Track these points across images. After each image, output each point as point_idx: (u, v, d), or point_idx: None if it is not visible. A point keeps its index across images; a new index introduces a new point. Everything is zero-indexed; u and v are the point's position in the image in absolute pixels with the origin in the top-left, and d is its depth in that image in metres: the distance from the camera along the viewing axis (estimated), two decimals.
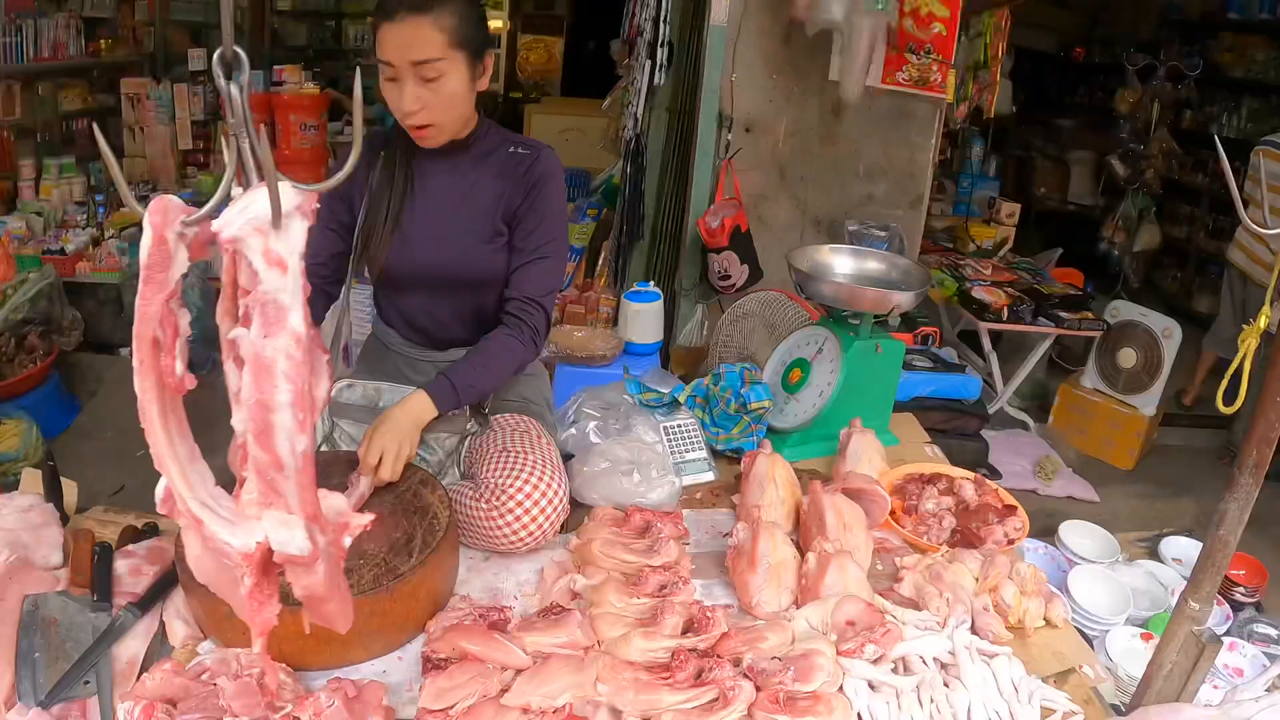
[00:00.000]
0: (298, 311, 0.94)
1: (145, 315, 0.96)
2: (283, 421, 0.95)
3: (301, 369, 0.94)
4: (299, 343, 0.94)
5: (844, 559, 1.67)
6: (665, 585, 1.66)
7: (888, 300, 2.29)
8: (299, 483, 0.98)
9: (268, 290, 0.92)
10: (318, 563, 1.04)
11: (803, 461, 2.36)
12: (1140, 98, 6.51)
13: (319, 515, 1.03)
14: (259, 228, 0.90)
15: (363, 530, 1.15)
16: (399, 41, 1.78)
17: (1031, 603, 1.72)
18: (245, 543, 1.00)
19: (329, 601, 1.10)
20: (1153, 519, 3.96)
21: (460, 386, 1.93)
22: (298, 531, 1.00)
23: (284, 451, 0.96)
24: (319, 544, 1.03)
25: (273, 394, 0.94)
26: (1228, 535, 1.31)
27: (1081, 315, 4.38)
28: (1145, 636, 2.66)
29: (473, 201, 2.02)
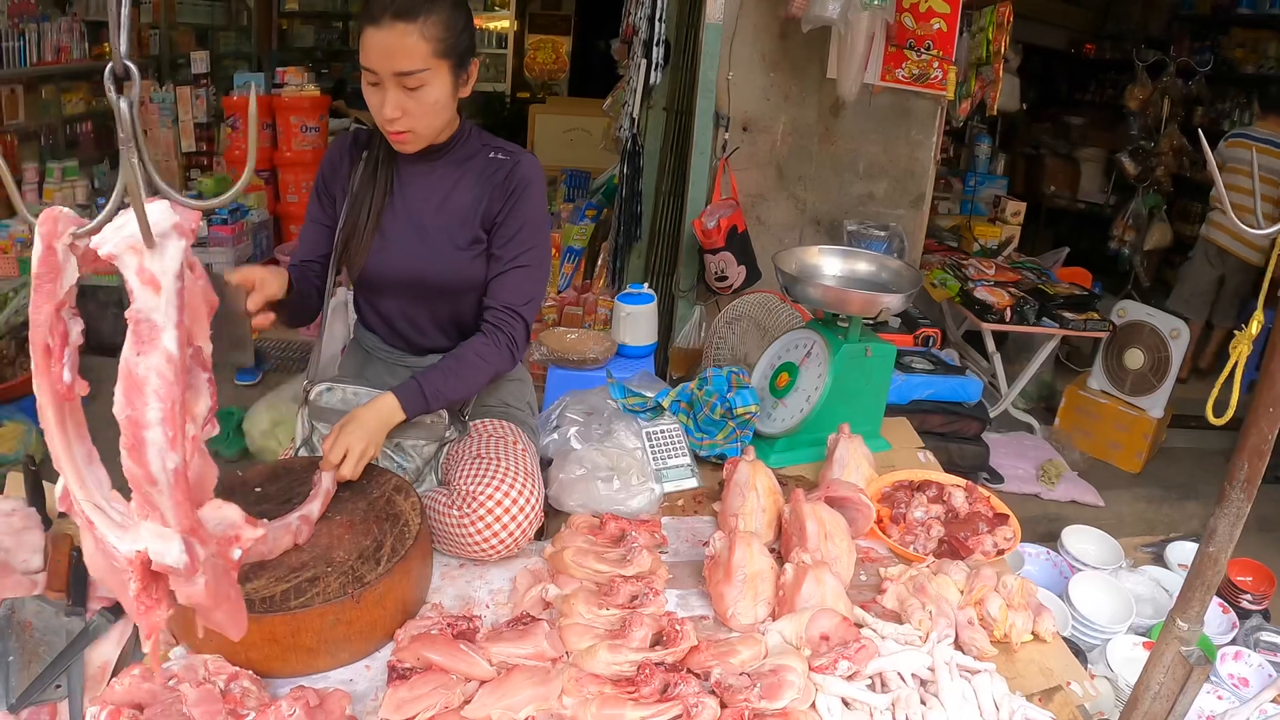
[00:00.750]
0: (171, 331, 0.95)
1: (36, 323, 0.97)
2: (153, 438, 0.96)
3: (173, 388, 0.95)
4: (170, 362, 0.95)
5: (821, 570, 1.62)
6: (636, 596, 1.62)
7: (876, 303, 2.24)
8: (173, 498, 1.00)
9: (141, 308, 0.93)
10: (197, 575, 1.05)
11: (790, 468, 2.32)
12: (1151, 94, 6.43)
13: (197, 529, 1.04)
14: (133, 246, 0.91)
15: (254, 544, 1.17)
16: (383, 49, 1.76)
17: (1018, 616, 1.67)
18: (129, 549, 1.02)
19: (215, 610, 1.11)
20: (1159, 523, 3.90)
21: (429, 393, 1.90)
22: (173, 544, 1.01)
23: (155, 467, 0.97)
24: (198, 556, 1.04)
25: (143, 410, 0.95)
26: (1218, 552, 1.25)
27: (1087, 316, 4.30)
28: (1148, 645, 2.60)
29: (451, 207, 1.99)
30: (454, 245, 1.98)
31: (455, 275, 2.00)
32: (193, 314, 1.06)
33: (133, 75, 0.85)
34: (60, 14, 6.22)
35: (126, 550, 1.00)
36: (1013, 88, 5.82)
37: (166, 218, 0.91)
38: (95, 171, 6.36)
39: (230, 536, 1.12)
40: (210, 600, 1.07)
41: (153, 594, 1.04)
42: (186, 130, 6.37)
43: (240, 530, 1.13)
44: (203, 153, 6.47)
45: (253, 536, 1.13)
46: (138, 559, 1.00)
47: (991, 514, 2.03)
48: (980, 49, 3.86)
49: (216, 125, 6.40)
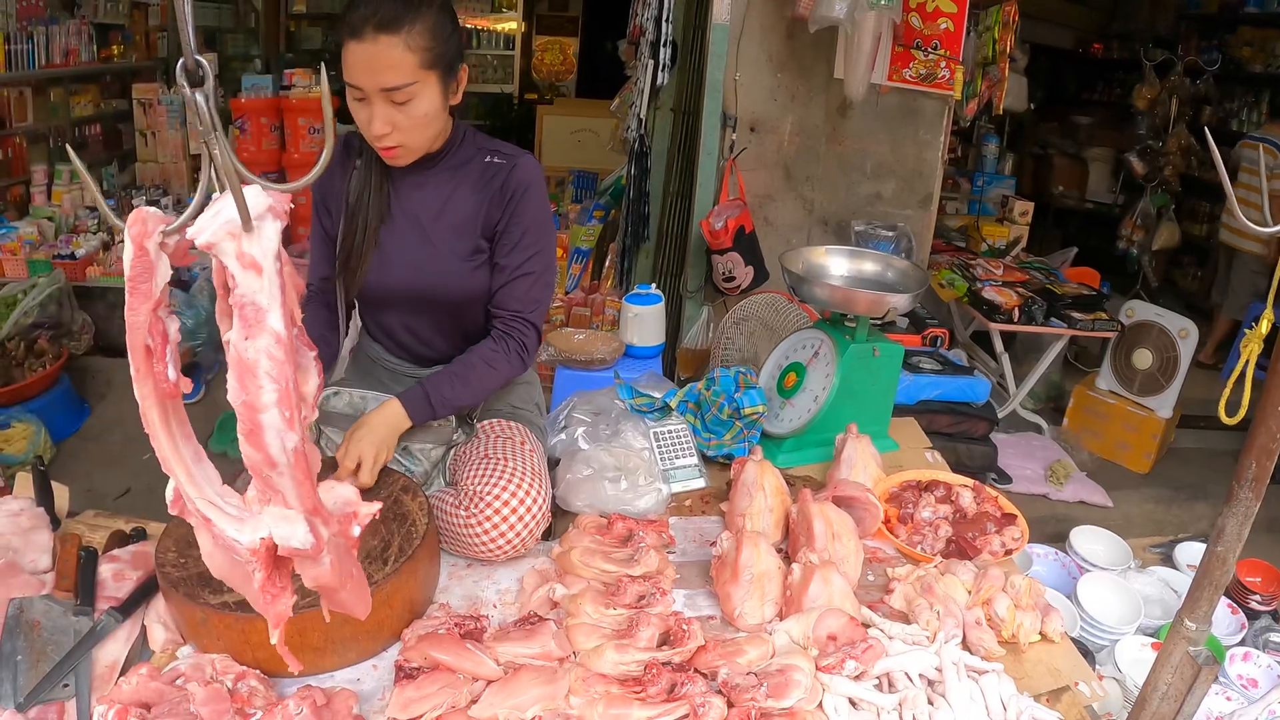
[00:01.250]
0: (276, 312, 0.95)
1: (134, 325, 0.98)
2: (270, 420, 0.97)
3: (284, 368, 0.96)
4: (279, 342, 0.95)
5: (829, 570, 1.62)
6: (644, 596, 1.62)
7: (883, 303, 2.23)
8: (294, 478, 1.00)
9: (245, 293, 0.93)
10: (323, 554, 1.07)
11: (798, 468, 2.31)
12: (1158, 93, 6.41)
13: (319, 508, 1.05)
14: (231, 232, 0.91)
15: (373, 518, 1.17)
16: (368, 65, 1.70)
17: (1026, 617, 1.66)
18: (251, 539, 1.03)
19: (340, 590, 1.13)
20: (1168, 524, 3.89)
21: (436, 400, 1.90)
22: (298, 526, 1.02)
23: (275, 450, 0.98)
24: (322, 536, 1.05)
25: (258, 394, 0.96)
26: (1226, 552, 1.24)
27: (1095, 316, 4.29)
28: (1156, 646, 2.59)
29: (450, 217, 1.96)
30: (455, 256, 1.96)
31: (458, 286, 1.97)
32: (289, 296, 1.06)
33: (205, 69, 0.86)
34: (69, 17, 6.24)
35: (249, 540, 1.01)
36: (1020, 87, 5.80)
37: (261, 200, 0.91)
38: (104, 173, 6.38)
39: (349, 514, 1.13)
40: (336, 580, 1.09)
41: (277, 583, 1.06)
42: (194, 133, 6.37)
43: (357, 507, 1.14)
44: None
45: (370, 512, 1.14)
46: (262, 546, 1.01)
47: (999, 514, 2.02)
48: (986, 48, 3.86)
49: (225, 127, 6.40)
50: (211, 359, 4.87)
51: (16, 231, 5.07)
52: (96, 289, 4.99)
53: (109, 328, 5.03)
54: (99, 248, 5.23)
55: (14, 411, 3.95)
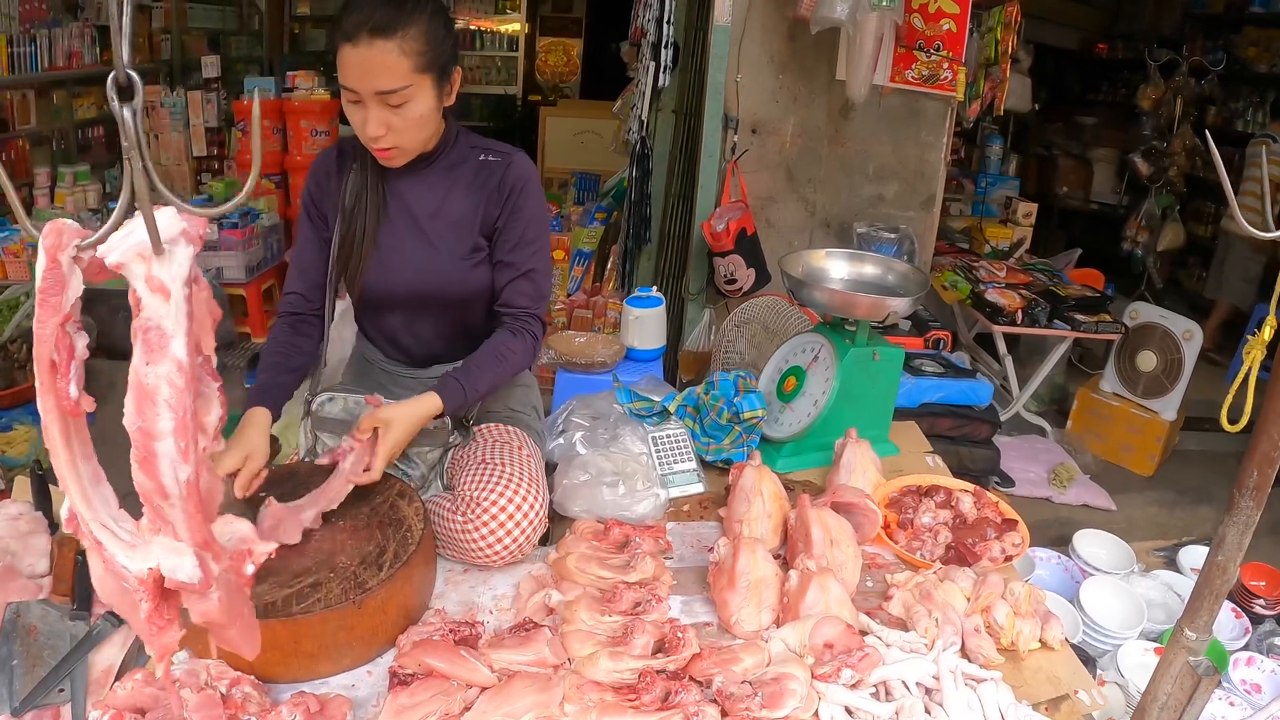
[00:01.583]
0: (181, 339, 0.93)
1: (41, 338, 0.95)
2: (165, 449, 0.95)
3: (184, 397, 0.94)
4: (181, 370, 0.93)
5: (826, 577, 1.61)
6: (639, 603, 1.61)
7: (883, 307, 2.22)
8: (185, 510, 0.98)
9: (150, 317, 0.92)
10: (211, 590, 1.04)
11: (797, 473, 2.30)
12: (1163, 94, 6.39)
13: (210, 543, 1.03)
14: (141, 254, 0.89)
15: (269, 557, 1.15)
16: (362, 69, 1.70)
17: (1026, 624, 1.64)
18: (140, 567, 1.00)
19: (228, 628, 1.09)
20: (1172, 527, 3.87)
21: (469, 388, 1.89)
22: (186, 559, 1.00)
23: (167, 480, 0.96)
24: (211, 571, 1.03)
25: (154, 421, 0.94)
26: (1227, 561, 1.23)
27: (1099, 318, 4.27)
28: (1159, 651, 2.58)
29: (448, 216, 1.96)
30: (454, 255, 1.96)
31: (458, 285, 1.98)
32: (199, 324, 1.05)
33: (135, 84, 0.85)
34: (72, 19, 6.24)
35: (137, 569, 0.99)
36: (1024, 88, 5.78)
37: (174, 224, 0.90)
38: (107, 176, 6.38)
39: (243, 551, 1.10)
40: (224, 617, 1.06)
41: (164, 614, 1.03)
42: (197, 135, 6.39)
43: (253, 545, 1.11)
44: (213, 157, 6.49)
45: (265, 551, 1.12)
46: (149, 577, 0.99)
47: (1000, 519, 2.01)
48: (989, 49, 3.84)
49: (227, 129, 6.42)
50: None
51: (20, 234, 5.07)
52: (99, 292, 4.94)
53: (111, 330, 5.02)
54: None
55: (16, 414, 3.94)
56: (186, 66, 7.33)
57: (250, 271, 5.33)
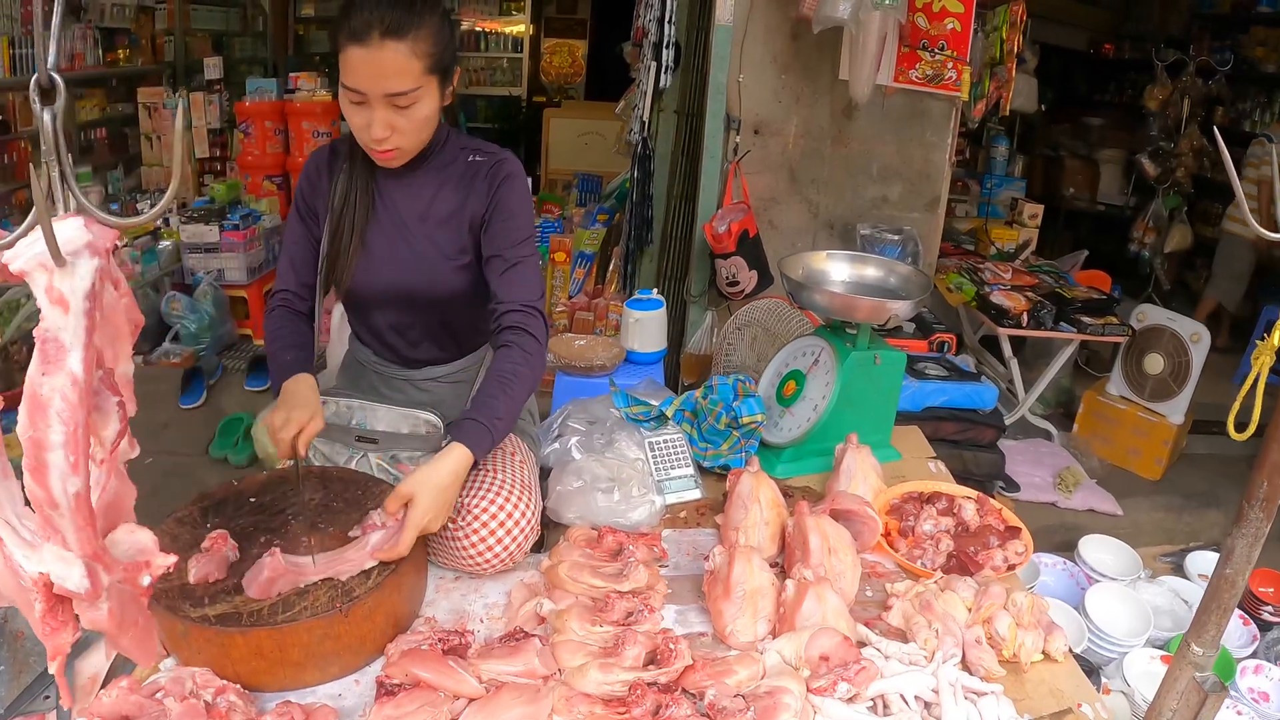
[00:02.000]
0: (78, 353, 0.92)
1: None
2: (55, 461, 0.94)
3: (76, 411, 0.93)
4: (75, 385, 0.92)
5: (823, 587, 1.57)
6: (632, 612, 1.57)
7: (884, 310, 2.18)
8: (74, 522, 0.97)
9: (49, 328, 0.90)
10: (100, 600, 1.03)
11: (796, 478, 2.26)
12: (1170, 94, 6.35)
13: (101, 554, 1.02)
14: (44, 264, 0.88)
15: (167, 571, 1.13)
16: (373, 71, 1.67)
17: (1028, 635, 1.61)
18: (33, 570, 0.99)
19: (121, 637, 1.09)
20: (1179, 532, 3.83)
21: (492, 425, 1.75)
22: (74, 568, 0.99)
23: (56, 491, 0.95)
24: (101, 581, 1.02)
25: (46, 433, 0.93)
26: (1235, 574, 1.18)
27: (1106, 320, 4.22)
28: (1165, 659, 2.55)
29: (436, 215, 1.93)
30: (441, 254, 1.93)
31: (444, 285, 1.94)
32: (113, 333, 1.04)
33: (57, 85, 0.84)
34: (74, 21, 6.24)
35: (31, 570, 0.98)
36: (1031, 88, 5.75)
37: (79, 235, 0.89)
38: (109, 177, 6.38)
39: (140, 563, 1.09)
40: (114, 627, 1.05)
41: (58, 616, 1.02)
42: (200, 136, 6.38)
43: (151, 556, 1.10)
44: (216, 158, 6.48)
45: (164, 565, 1.11)
46: (41, 581, 0.98)
47: (1003, 527, 1.97)
48: (994, 48, 3.80)
49: (229, 131, 6.41)
50: (214, 364, 4.85)
51: None
52: None
53: None
54: None
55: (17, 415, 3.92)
56: (190, 68, 7.32)
57: (251, 273, 5.32)
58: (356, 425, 2.01)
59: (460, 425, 1.74)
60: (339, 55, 1.69)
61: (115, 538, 1.09)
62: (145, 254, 5.18)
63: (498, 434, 1.76)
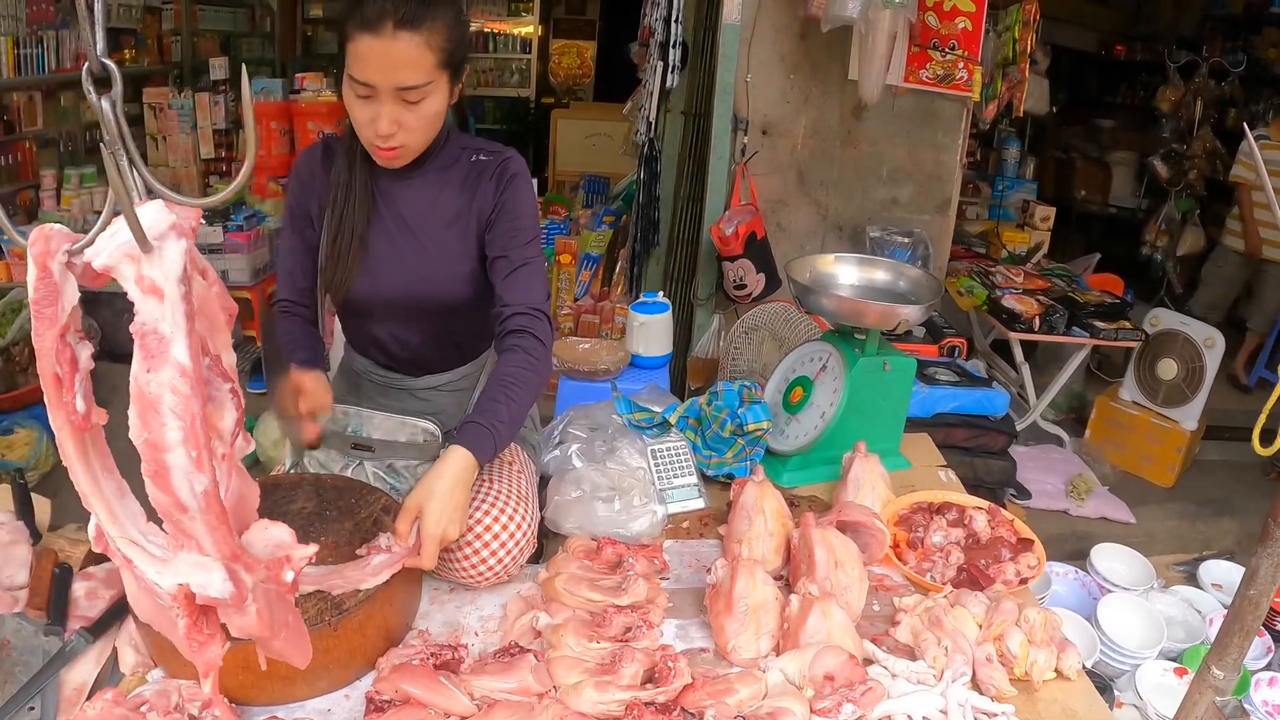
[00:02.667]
0: (181, 342, 0.86)
1: (42, 352, 0.89)
2: (176, 461, 0.88)
3: (190, 403, 0.87)
4: (185, 375, 0.86)
5: (828, 603, 1.52)
6: (630, 628, 1.52)
7: (894, 315, 2.12)
8: (206, 524, 0.91)
9: (145, 320, 0.85)
10: (246, 603, 0.97)
11: (803, 487, 2.21)
12: (1183, 96, 6.28)
13: (240, 554, 0.96)
14: (130, 254, 0.83)
15: (308, 561, 1.08)
16: (385, 62, 1.60)
17: (1041, 653, 1.55)
18: (171, 584, 0.94)
19: (274, 639, 1.04)
20: (1192, 540, 3.77)
21: (495, 431, 1.68)
22: (215, 573, 0.93)
23: (183, 493, 0.89)
24: (245, 584, 0.96)
25: (162, 432, 0.87)
26: (1259, 596, 1.13)
27: (1118, 325, 4.15)
28: (1179, 671, 2.50)
29: (440, 217, 1.86)
30: (447, 258, 1.86)
31: (451, 291, 1.88)
32: (210, 322, 0.97)
33: (112, 73, 0.80)
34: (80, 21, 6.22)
35: (169, 585, 0.93)
36: (1042, 90, 5.69)
37: (163, 218, 0.83)
38: None
39: (280, 559, 1.03)
40: (266, 629, 1.00)
41: (204, 629, 0.97)
42: (205, 136, 6.35)
43: (291, 550, 1.04)
44: (221, 159, 6.45)
45: (305, 555, 1.05)
46: (180, 593, 0.93)
47: (1015, 539, 1.91)
48: (1006, 48, 3.74)
49: (235, 131, 6.38)
50: None
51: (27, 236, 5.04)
52: (104, 294, 4.92)
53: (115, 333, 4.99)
54: None
55: (17, 417, 3.91)
56: (197, 69, 7.30)
57: (255, 274, 5.29)
58: (352, 432, 1.96)
59: (462, 428, 1.68)
60: (346, 45, 1.63)
61: (250, 538, 1.04)
62: None
63: (501, 439, 1.69)
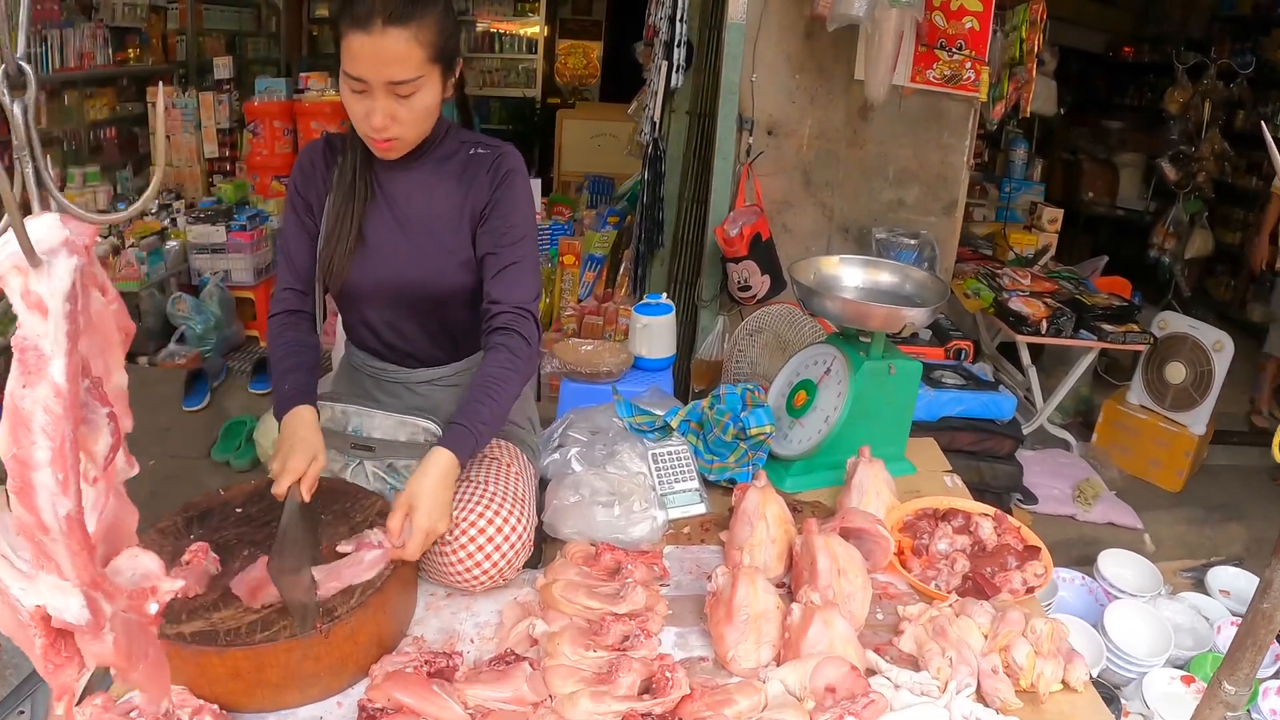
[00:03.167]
0: (60, 361, 0.84)
1: None
2: (42, 480, 0.85)
3: (61, 424, 0.85)
4: (59, 395, 0.84)
5: (831, 613, 1.48)
6: (628, 636, 1.49)
7: (899, 318, 2.09)
8: (68, 548, 0.89)
9: (26, 335, 0.82)
10: (103, 632, 0.94)
11: (806, 493, 2.18)
12: (1191, 97, 6.22)
13: (101, 581, 0.93)
14: (18, 265, 0.79)
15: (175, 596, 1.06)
16: (376, 58, 1.64)
17: (1047, 664, 1.51)
18: (30, 603, 0.91)
19: (131, 671, 1.00)
20: (1200, 546, 3.73)
21: (476, 429, 1.71)
22: (72, 599, 0.91)
23: (46, 514, 0.86)
24: (103, 612, 0.93)
25: (31, 450, 0.84)
26: (1273, 609, 1.10)
27: (1126, 328, 4.10)
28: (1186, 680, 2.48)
29: (436, 210, 1.87)
30: (441, 250, 1.87)
31: (443, 281, 1.88)
32: (104, 340, 0.95)
33: (27, 75, 0.78)
34: (85, 20, 6.21)
35: (29, 604, 0.90)
36: (1049, 91, 5.64)
37: (55, 233, 0.80)
38: (118, 177, 6.34)
39: (145, 589, 1.01)
40: (123, 660, 0.96)
41: (61, 652, 0.93)
42: (209, 136, 6.34)
43: (158, 582, 1.02)
44: (225, 158, 6.44)
45: (171, 590, 1.02)
46: (38, 614, 0.90)
47: (1021, 546, 1.87)
48: (1014, 48, 3.71)
49: (239, 131, 6.37)
50: (219, 366, 4.80)
51: None
52: None
53: None
54: (109, 252, 5.18)
55: None
56: (203, 68, 7.29)
57: (258, 274, 5.28)
58: (352, 432, 1.94)
59: (449, 433, 1.71)
60: (340, 43, 1.67)
61: (118, 564, 1.01)
62: (151, 254, 5.14)
63: (481, 439, 1.73)
